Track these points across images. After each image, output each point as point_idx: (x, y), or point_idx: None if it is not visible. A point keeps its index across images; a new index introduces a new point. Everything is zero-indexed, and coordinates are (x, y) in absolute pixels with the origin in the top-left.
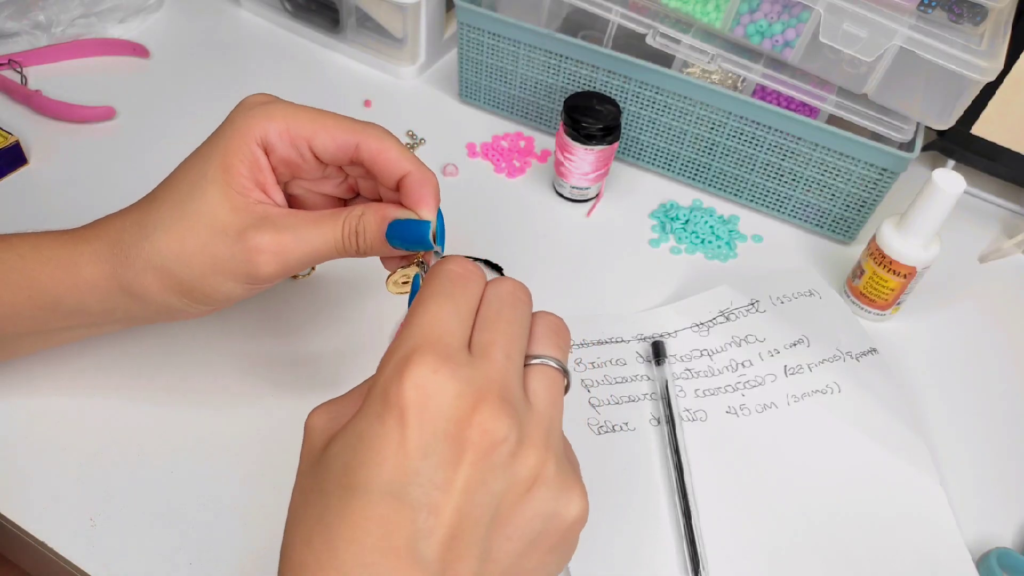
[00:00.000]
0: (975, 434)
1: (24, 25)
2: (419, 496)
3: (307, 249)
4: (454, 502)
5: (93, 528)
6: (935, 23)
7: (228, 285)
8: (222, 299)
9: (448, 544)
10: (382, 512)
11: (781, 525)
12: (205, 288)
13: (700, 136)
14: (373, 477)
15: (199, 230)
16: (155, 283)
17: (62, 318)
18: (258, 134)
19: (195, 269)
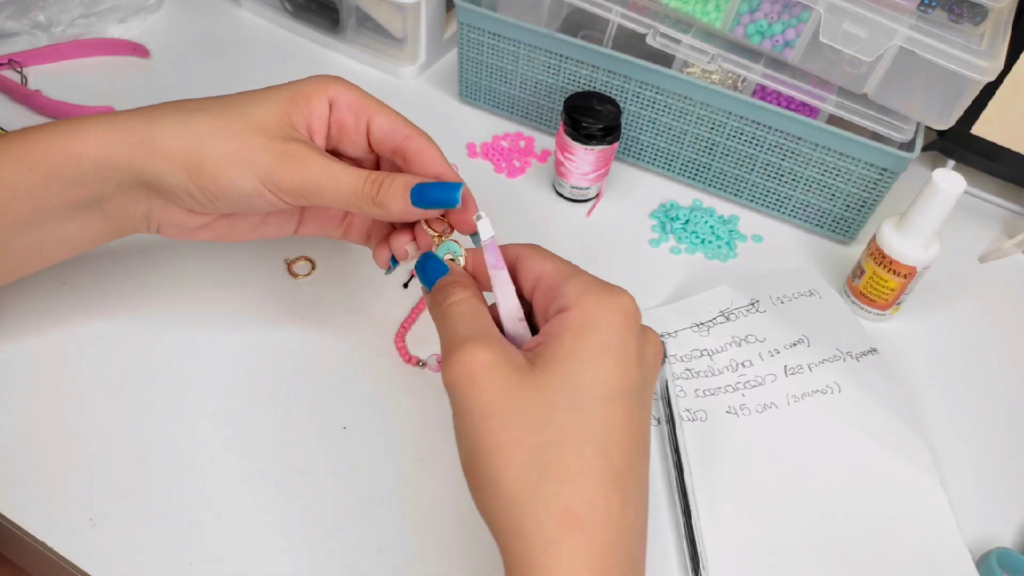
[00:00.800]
0: (975, 434)
1: (24, 25)
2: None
3: (328, 174)
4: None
5: (93, 528)
6: (935, 23)
7: (243, 177)
8: (228, 191)
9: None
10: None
11: (781, 525)
12: (219, 170)
13: (700, 136)
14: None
15: (240, 122)
16: (170, 145)
17: (59, 194)
18: (331, 91)
19: (220, 147)
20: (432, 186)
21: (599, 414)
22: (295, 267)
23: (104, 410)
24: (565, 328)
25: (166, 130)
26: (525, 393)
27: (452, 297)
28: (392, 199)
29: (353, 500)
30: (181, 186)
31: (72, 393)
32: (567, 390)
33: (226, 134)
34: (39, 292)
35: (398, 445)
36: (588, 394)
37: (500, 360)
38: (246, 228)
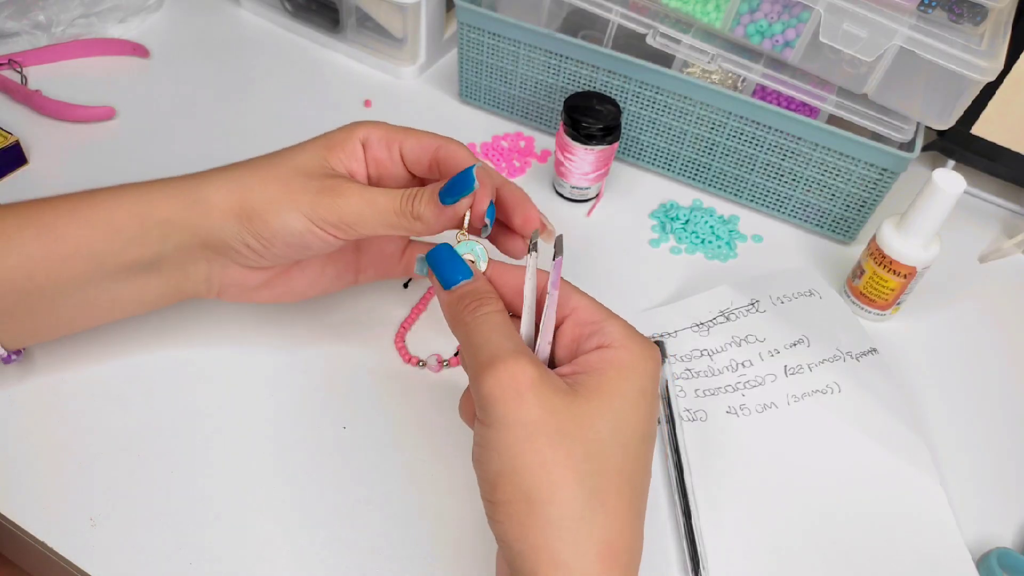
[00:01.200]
0: (975, 434)
1: (24, 25)
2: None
3: (369, 202)
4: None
5: (93, 528)
6: (935, 23)
7: (291, 216)
8: (280, 232)
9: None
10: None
11: (781, 524)
12: (269, 214)
13: (700, 136)
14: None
15: (282, 169)
16: (223, 200)
17: (119, 254)
18: (361, 132)
19: (267, 193)
20: (450, 183)
21: (636, 454)
22: None
23: (104, 410)
24: (608, 364)
25: (217, 186)
26: (572, 417)
27: (486, 307)
28: (426, 207)
29: (353, 500)
30: (237, 237)
31: (72, 393)
32: (610, 424)
33: (271, 181)
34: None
35: (398, 445)
36: (629, 432)
37: (546, 379)
38: (305, 283)
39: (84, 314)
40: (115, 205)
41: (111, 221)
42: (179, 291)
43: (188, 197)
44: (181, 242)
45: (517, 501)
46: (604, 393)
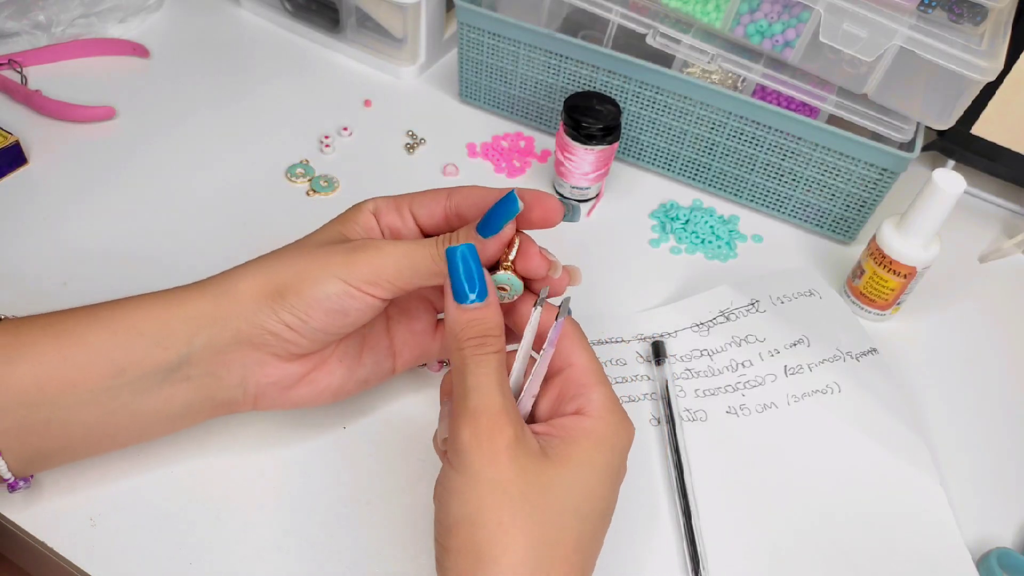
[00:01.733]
0: (975, 434)
1: (24, 25)
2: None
3: (404, 253)
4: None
5: (93, 528)
6: (935, 23)
7: (326, 281)
8: (318, 300)
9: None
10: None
11: (781, 525)
12: (302, 285)
13: (700, 136)
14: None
15: (305, 246)
16: (250, 285)
17: (139, 359)
18: (370, 204)
19: (295, 268)
20: (489, 212)
21: (593, 528)
22: None
23: None
24: (584, 434)
25: (243, 275)
26: (539, 484)
27: (492, 346)
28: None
29: (353, 500)
30: (273, 317)
31: None
32: (575, 496)
33: (297, 258)
34: (39, 293)
35: (398, 445)
36: (590, 506)
37: (520, 441)
38: (343, 372)
39: (101, 432)
40: (137, 308)
41: (133, 325)
42: (210, 401)
43: (214, 290)
44: (211, 339)
45: (467, 552)
46: (573, 463)
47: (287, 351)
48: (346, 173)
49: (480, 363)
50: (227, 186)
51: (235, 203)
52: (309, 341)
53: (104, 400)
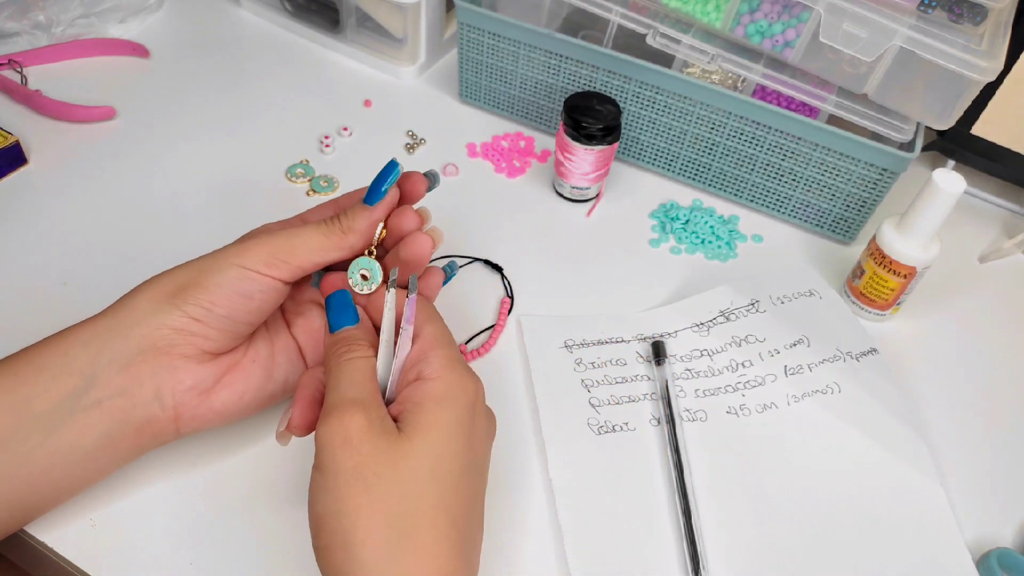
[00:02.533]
0: (975, 434)
1: (24, 25)
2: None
3: (295, 233)
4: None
5: (93, 528)
6: (935, 23)
7: (224, 269)
8: (220, 286)
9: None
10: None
11: (781, 525)
12: (201, 277)
13: (700, 136)
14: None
15: (201, 257)
16: (148, 294)
17: (42, 393)
18: (261, 228)
19: (193, 266)
20: (373, 181)
21: (452, 485)
22: None
23: None
24: (426, 397)
25: (139, 288)
26: (390, 460)
27: (352, 352)
28: (354, 218)
29: None
30: (177, 312)
31: None
32: (428, 460)
33: (191, 263)
34: (39, 293)
35: None
36: (445, 465)
37: (374, 423)
38: (260, 374)
39: (23, 483)
40: (36, 347)
41: (31, 360)
42: (128, 424)
43: (113, 308)
44: (114, 354)
45: (336, 546)
46: (422, 428)
47: (197, 348)
48: (346, 173)
49: (342, 367)
50: (227, 186)
51: (235, 203)
52: (217, 332)
53: (15, 445)
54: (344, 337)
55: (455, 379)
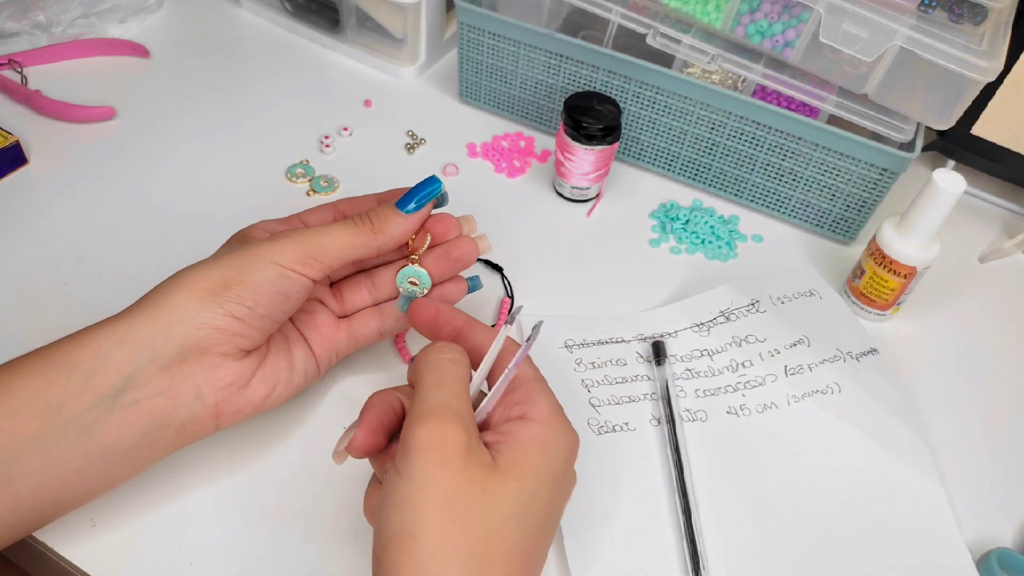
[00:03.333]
0: (975, 434)
1: (24, 25)
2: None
3: (326, 232)
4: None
5: (93, 528)
6: (935, 23)
7: (264, 267)
8: (259, 284)
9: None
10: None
11: (781, 525)
12: (243, 275)
13: (700, 136)
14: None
15: (225, 251)
16: (189, 292)
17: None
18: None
19: (230, 262)
20: (412, 189)
21: (533, 535)
22: None
23: None
24: (531, 439)
25: (174, 285)
26: (483, 495)
27: (451, 352)
28: (386, 220)
29: (353, 500)
30: (220, 311)
31: None
32: (519, 505)
33: (222, 258)
34: (40, 293)
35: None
36: (532, 514)
37: (472, 449)
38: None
39: (55, 483)
40: (66, 345)
41: (62, 360)
42: (168, 425)
43: (149, 306)
44: (154, 355)
45: (404, 569)
46: (520, 469)
47: (236, 347)
48: (346, 173)
49: (442, 366)
50: (227, 186)
51: (235, 203)
52: (256, 331)
53: (47, 446)
54: (449, 345)
55: (561, 429)
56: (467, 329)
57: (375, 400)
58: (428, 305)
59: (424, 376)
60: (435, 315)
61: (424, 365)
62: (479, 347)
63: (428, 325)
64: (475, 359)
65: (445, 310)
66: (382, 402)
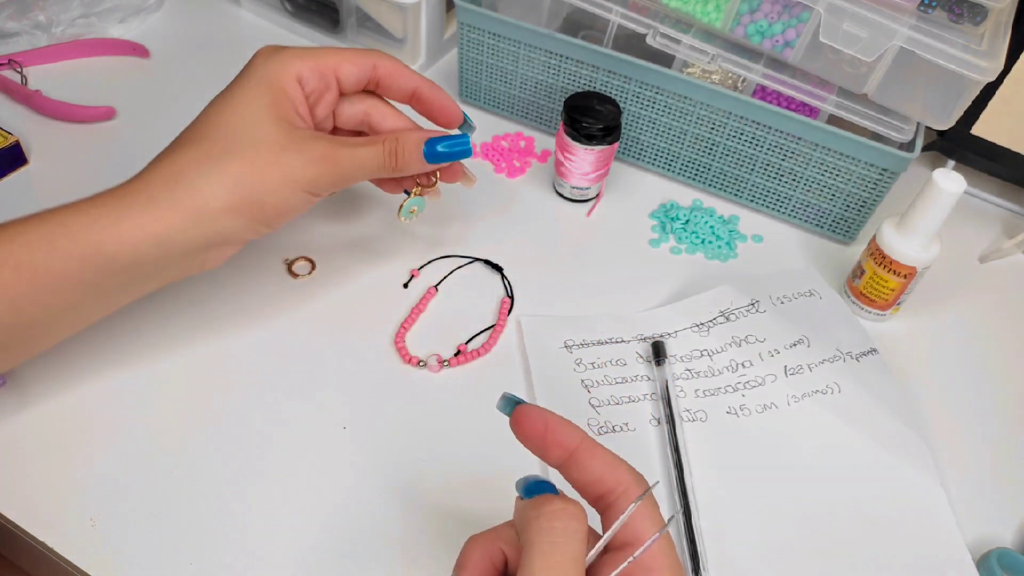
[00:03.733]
0: (975, 434)
1: (24, 25)
2: None
3: (356, 163)
4: None
5: (93, 528)
6: (935, 23)
7: (295, 196)
8: (286, 212)
9: None
10: None
11: (781, 524)
12: (276, 201)
13: (700, 136)
14: None
15: (266, 151)
16: (225, 203)
17: (115, 276)
18: (294, 72)
19: (268, 182)
20: (442, 141)
21: None
22: (295, 267)
23: (103, 410)
24: None
25: (214, 190)
26: None
27: (566, 521)
28: (410, 160)
29: (353, 500)
30: (245, 230)
31: (72, 393)
32: None
33: (264, 166)
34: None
35: (398, 445)
36: None
37: None
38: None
39: (81, 326)
40: (100, 234)
41: (99, 250)
42: (170, 282)
43: (185, 209)
44: (185, 251)
45: None
46: None
47: (247, 240)
48: None
49: (553, 538)
50: None
51: None
52: (268, 229)
53: (84, 309)
54: (565, 508)
55: None
56: (583, 454)
57: (475, 556)
58: (537, 417)
59: (533, 545)
60: (543, 431)
61: (534, 529)
62: (597, 480)
63: (535, 442)
64: (592, 492)
65: (556, 426)
66: (483, 558)
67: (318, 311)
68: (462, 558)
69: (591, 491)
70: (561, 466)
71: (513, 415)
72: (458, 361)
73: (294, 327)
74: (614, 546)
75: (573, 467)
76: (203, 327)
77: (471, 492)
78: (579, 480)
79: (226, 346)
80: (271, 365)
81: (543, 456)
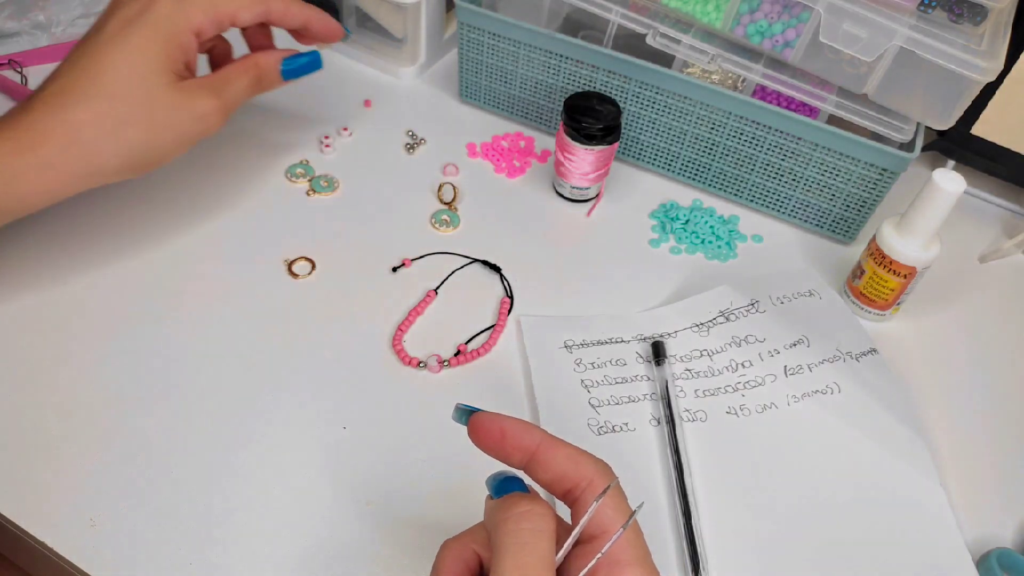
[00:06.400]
0: (975, 434)
1: (24, 25)
2: None
3: (233, 101)
4: None
5: (93, 528)
6: (935, 23)
7: (184, 148)
8: (171, 159)
9: None
10: None
11: (781, 525)
12: (166, 155)
13: (700, 136)
14: None
15: (161, 114)
16: (120, 165)
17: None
18: (195, 26)
19: (163, 145)
20: (296, 60)
21: None
22: (295, 267)
23: (104, 411)
24: None
25: (108, 157)
26: None
27: (534, 522)
28: (272, 84)
29: (352, 501)
30: (130, 176)
31: (72, 394)
32: None
33: (159, 133)
34: (33, 291)
35: (398, 445)
36: None
37: None
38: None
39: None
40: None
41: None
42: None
43: (80, 172)
44: (72, 196)
45: None
46: None
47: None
48: (346, 173)
49: (521, 539)
50: (226, 185)
51: (234, 203)
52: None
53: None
54: (532, 509)
55: None
56: (544, 453)
57: (448, 561)
58: (492, 424)
59: (503, 547)
60: (501, 437)
61: (503, 531)
62: (561, 477)
63: (494, 448)
64: (558, 489)
65: (513, 430)
66: (456, 562)
67: (318, 311)
68: (437, 562)
69: (557, 488)
70: (525, 468)
71: (469, 424)
72: (458, 361)
73: (294, 327)
74: (584, 539)
75: (536, 467)
76: (203, 328)
77: (470, 493)
78: (544, 479)
79: (226, 346)
80: (271, 366)
81: (505, 461)
